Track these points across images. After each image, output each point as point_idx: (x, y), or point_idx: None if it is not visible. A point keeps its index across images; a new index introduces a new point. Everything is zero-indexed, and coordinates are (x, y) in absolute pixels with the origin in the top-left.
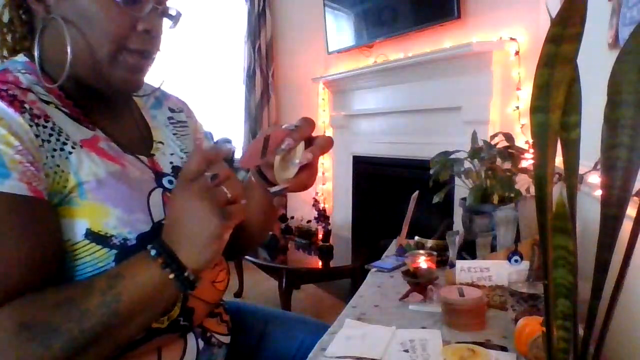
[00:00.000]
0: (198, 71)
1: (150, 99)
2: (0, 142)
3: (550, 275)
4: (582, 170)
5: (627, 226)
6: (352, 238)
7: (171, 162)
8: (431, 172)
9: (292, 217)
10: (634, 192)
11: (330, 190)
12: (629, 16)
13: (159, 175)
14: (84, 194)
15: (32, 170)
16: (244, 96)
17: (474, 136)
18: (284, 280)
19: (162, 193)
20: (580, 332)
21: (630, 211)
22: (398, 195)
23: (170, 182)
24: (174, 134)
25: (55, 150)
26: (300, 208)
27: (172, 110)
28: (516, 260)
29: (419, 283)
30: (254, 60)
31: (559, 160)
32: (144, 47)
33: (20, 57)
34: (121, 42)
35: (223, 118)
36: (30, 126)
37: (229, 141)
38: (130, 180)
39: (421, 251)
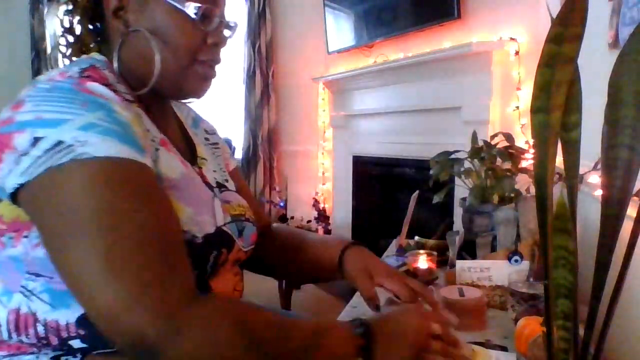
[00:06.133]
0: None
1: (189, 118)
2: (133, 124)
3: (551, 276)
4: (582, 170)
5: (627, 226)
6: (352, 238)
7: (215, 178)
8: (431, 172)
9: (292, 217)
10: (634, 192)
11: (330, 190)
12: (629, 16)
13: (208, 186)
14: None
15: (149, 154)
16: (244, 96)
17: (474, 136)
18: (284, 280)
19: (220, 203)
20: (581, 332)
21: (631, 211)
22: (398, 195)
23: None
24: (212, 153)
25: (149, 144)
26: (300, 208)
27: (206, 132)
28: (516, 260)
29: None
30: (254, 60)
31: (559, 160)
32: (213, 57)
33: (98, 55)
34: (193, 55)
35: (223, 118)
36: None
37: (229, 141)
38: (195, 184)
39: (421, 251)
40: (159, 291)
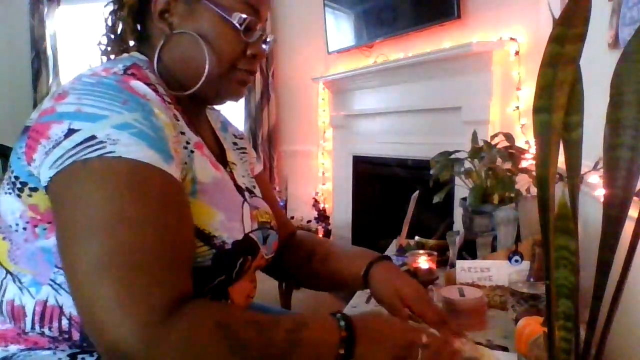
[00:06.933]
0: None
1: (218, 122)
2: (166, 127)
3: (552, 276)
4: (582, 169)
5: (628, 226)
6: (352, 238)
7: (244, 183)
8: (431, 172)
9: (292, 217)
10: (635, 192)
11: (330, 190)
12: (629, 16)
13: (239, 190)
14: (195, 193)
15: (178, 160)
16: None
17: (474, 136)
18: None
19: (249, 209)
20: (582, 332)
21: (632, 212)
22: (398, 195)
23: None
24: (240, 158)
25: (184, 148)
26: (300, 208)
27: (235, 136)
28: (516, 261)
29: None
30: None
31: (559, 160)
32: (251, 67)
33: (139, 55)
34: (233, 63)
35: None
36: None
37: None
38: (228, 189)
39: (421, 251)
40: (144, 299)
